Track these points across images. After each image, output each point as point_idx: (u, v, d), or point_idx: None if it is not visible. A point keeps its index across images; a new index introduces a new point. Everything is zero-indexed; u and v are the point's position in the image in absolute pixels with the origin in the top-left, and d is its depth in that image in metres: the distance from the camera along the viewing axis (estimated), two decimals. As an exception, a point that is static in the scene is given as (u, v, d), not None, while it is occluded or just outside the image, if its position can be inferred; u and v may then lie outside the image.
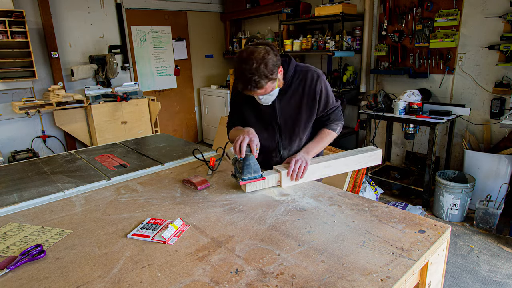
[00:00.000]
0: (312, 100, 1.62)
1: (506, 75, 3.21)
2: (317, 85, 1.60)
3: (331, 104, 1.68)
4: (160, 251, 1.08)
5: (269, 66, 1.36)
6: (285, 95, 1.61)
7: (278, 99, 1.60)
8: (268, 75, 1.37)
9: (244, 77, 1.37)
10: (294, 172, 1.50)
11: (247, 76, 1.35)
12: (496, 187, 3.11)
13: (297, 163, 1.51)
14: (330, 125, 1.70)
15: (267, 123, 1.68)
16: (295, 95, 1.61)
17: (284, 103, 1.62)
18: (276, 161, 1.75)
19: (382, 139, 4.30)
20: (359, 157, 1.69)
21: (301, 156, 1.55)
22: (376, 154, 1.74)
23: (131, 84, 4.46)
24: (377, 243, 1.08)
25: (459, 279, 2.40)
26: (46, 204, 1.45)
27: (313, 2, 4.69)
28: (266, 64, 1.36)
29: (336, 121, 1.72)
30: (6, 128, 4.03)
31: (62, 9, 4.25)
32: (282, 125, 1.67)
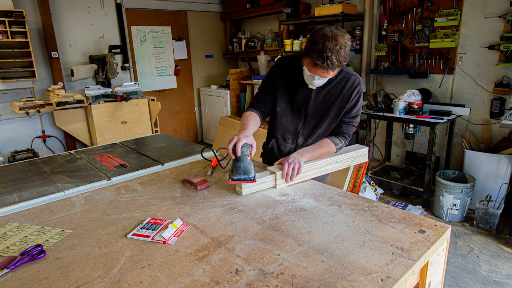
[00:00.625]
0: (345, 102, 1.65)
1: (506, 75, 3.22)
2: (355, 90, 1.63)
3: (354, 114, 1.69)
4: (160, 251, 1.08)
5: (347, 53, 1.42)
6: (323, 89, 1.64)
7: (317, 91, 1.64)
8: (342, 62, 1.42)
9: (324, 54, 1.38)
10: (288, 175, 1.51)
11: (328, 54, 1.38)
12: (496, 187, 3.11)
13: (290, 165, 1.51)
14: (334, 137, 1.70)
15: (296, 108, 1.71)
16: (333, 93, 1.65)
17: (320, 94, 1.66)
18: (289, 148, 1.80)
19: (382, 139, 4.30)
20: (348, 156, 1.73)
21: (294, 158, 1.55)
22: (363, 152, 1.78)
23: (131, 84, 4.46)
24: (377, 243, 1.08)
25: (459, 279, 2.40)
26: (46, 204, 1.45)
27: (313, 2, 4.69)
28: (346, 51, 1.41)
29: (342, 136, 1.72)
30: (6, 128, 4.03)
31: (62, 9, 4.25)
32: (309, 115, 1.70)
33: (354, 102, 1.66)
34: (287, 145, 1.80)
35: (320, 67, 1.42)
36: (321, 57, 1.39)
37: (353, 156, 1.79)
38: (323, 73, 1.46)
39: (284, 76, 1.70)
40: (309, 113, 1.70)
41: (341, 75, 1.64)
